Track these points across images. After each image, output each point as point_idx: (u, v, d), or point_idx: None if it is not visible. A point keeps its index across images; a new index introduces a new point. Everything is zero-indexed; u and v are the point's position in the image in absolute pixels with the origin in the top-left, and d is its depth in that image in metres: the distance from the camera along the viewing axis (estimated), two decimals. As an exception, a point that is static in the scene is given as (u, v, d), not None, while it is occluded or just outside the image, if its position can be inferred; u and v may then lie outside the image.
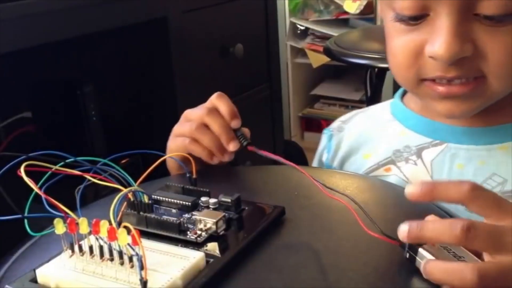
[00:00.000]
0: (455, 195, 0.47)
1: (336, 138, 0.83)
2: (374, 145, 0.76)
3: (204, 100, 0.73)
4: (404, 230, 0.47)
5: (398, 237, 0.49)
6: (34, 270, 0.49)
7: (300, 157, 2.14)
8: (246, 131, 0.71)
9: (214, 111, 0.69)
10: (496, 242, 0.45)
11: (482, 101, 0.65)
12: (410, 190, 0.48)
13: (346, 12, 2.33)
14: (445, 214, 0.56)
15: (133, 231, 0.45)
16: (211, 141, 0.68)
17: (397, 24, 0.64)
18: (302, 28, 2.43)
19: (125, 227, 0.46)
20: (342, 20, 2.37)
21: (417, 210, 0.58)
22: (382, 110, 0.81)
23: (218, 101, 0.70)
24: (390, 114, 0.78)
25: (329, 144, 0.84)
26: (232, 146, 0.68)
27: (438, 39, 0.60)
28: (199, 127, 0.68)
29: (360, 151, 0.78)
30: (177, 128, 0.71)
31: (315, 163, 0.87)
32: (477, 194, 0.47)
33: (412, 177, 0.70)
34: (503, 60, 0.61)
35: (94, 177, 0.54)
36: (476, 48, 0.60)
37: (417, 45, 0.63)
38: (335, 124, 0.86)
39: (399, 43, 0.65)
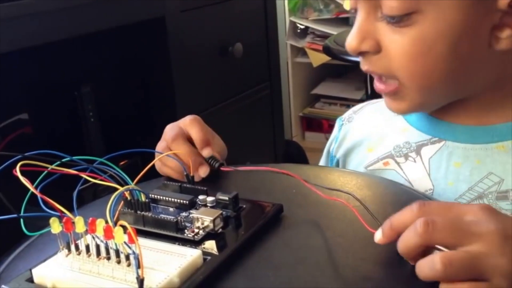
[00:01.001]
0: (410, 221, 0.48)
1: (345, 128, 0.84)
2: (378, 139, 0.77)
3: (203, 100, 0.72)
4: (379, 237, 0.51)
5: None
6: (31, 270, 0.49)
7: (301, 157, 2.14)
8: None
9: (179, 139, 0.69)
10: (459, 233, 0.46)
11: (407, 104, 0.66)
12: (377, 239, 0.51)
13: (346, 11, 2.32)
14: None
15: (130, 229, 0.45)
16: (179, 167, 0.68)
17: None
18: (302, 27, 2.43)
19: (121, 225, 0.46)
20: (342, 19, 2.36)
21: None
22: None
23: (190, 127, 0.70)
24: None
25: (338, 134, 0.85)
26: (203, 172, 0.68)
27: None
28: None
29: (365, 143, 0.78)
30: (158, 147, 0.71)
31: (324, 152, 0.88)
32: (426, 208, 0.49)
33: (411, 176, 0.70)
34: (402, 61, 0.62)
35: (91, 177, 0.54)
36: (380, 47, 0.63)
37: None
38: (347, 114, 0.87)
39: None
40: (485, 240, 0.46)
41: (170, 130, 0.71)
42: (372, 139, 0.78)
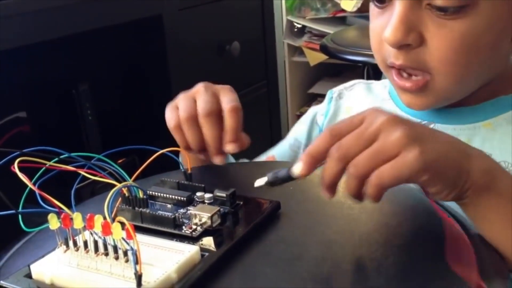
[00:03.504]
0: (324, 147, 0.50)
1: (334, 104, 0.83)
2: None
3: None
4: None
5: None
6: (29, 266, 0.49)
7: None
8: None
9: (213, 116, 0.64)
10: (363, 141, 0.48)
11: (434, 98, 0.66)
12: (298, 170, 0.51)
13: (343, 10, 2.32)
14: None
15: (128, 225, 0.45)
16: (196, 141, 0.66)
17: (372, 6, 0.67)
18: (299, 26, 2.43)
19: (119, 222, 0.46)
20: (340, 18, 2.36)
21: (414, 202, 0.58)
22: (382, 88, 0.81)
23: (223, 93, 0.67)
24: (387, 93, 0.79)
25: (328, 107, 0.84)
26: (232, 149, 0.66)
27: (389, 24, 0.62)
28: (189, 121, 0.65)
29: None
30: (170, 114, 0.68)
31: (306, 121, 0.86)
32: (335, 132, 0.50)
33: None
34: (447, 56, 0.61)
35: (89, 173, 0.54)
36: (423, 39, 0.62)
37: (380, 30, 0.64)
38: (337, 88, 0.86)
39: (372, 27, 0.68)
40: (381, 130, 0.48)
41: (200, 95, 0.66)
42: None
